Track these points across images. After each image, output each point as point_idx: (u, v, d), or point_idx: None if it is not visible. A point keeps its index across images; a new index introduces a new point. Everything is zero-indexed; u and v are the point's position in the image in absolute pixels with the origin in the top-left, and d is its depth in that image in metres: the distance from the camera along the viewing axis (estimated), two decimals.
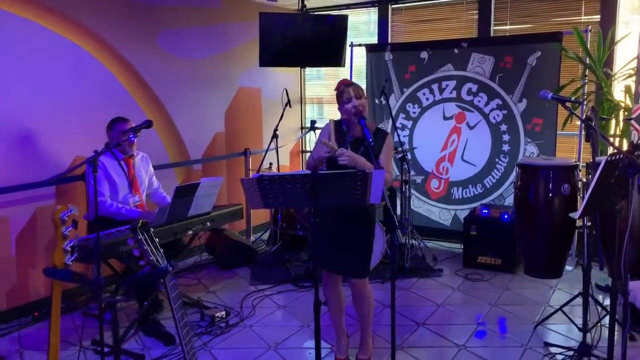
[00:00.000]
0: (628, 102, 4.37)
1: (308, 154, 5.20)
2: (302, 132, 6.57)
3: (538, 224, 3.78)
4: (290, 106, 4.87)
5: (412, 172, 5.60)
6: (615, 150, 2.35)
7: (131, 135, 3.60)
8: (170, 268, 1.65)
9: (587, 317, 3.11)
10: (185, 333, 1.68)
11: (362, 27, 6.42)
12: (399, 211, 5.14)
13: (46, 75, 3.90)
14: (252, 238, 5.74)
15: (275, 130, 4.83)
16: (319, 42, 5.63)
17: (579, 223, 3.60)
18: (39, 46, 3.83)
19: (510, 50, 5.00)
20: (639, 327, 3.43)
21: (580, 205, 2.45)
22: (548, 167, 3.87)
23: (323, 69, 6.63)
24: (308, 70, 6.68)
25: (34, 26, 3.80)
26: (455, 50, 5.26)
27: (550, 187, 3.65)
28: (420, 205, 5.65)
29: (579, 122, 4.63)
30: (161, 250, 1.68)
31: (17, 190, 3.65)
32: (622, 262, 2.38)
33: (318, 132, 5.43)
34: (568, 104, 2.67)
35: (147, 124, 2.94)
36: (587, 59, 4.50)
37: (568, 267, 4.56)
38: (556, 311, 3.55)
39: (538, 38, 4.85)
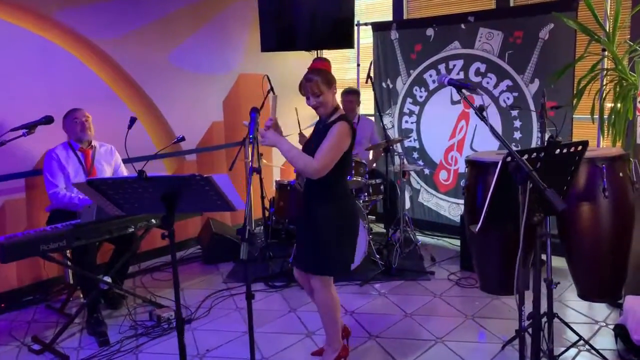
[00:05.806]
0: None
1: None
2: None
3: (488, 232, 3.10)
4: (274, 93, 4.57)
5: (421, 163, 5.12)
6: (508, 150, 1.85)
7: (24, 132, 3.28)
8: None
9: (542, 343, 2.60)
10: None
11: (378, 5, 5.93)
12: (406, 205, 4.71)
13: (12, 65, 3.90)
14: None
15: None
16: (326, 23, 5.26)
17: (539, 230, 2.98)
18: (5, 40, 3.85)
19: (520, 23, 4.34)
20: (634, 352, 2.84)
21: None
22: (497, 163, 3.08)
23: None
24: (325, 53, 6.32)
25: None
26: (462, 26, 4.67)
27: None
28: (429, 198, 5.14)
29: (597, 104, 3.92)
30: None
31: None
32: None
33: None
34: (465, 90, 2.16)
35: (46, 120, 2.79)
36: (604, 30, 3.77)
37: None
38: (522, 332, 2.99)
39: (550, 7, 4.13)
